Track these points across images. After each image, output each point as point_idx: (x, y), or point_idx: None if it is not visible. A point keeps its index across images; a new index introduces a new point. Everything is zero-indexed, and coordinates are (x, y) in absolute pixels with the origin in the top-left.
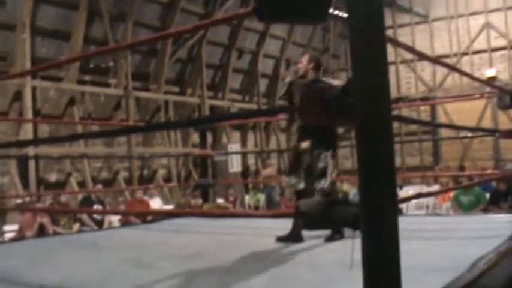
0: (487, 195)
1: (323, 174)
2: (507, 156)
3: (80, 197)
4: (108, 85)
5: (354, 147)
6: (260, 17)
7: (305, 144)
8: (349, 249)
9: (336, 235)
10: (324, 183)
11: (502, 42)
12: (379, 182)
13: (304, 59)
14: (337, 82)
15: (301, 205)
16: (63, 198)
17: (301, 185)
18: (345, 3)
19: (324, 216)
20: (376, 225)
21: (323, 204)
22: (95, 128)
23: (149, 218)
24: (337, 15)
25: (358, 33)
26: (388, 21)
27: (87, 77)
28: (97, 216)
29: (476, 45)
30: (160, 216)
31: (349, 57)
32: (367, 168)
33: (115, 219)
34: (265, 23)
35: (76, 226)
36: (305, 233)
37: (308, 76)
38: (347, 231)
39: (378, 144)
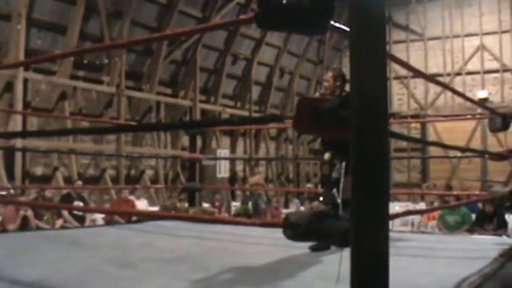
0: (473, 216)
1: (335, 184)
2: (494, 178)
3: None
4: (101, 82)
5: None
6: (261, 24)
7: (326, 156)
8: (334, 261)
9: (322, 246)
10: (335, 193)
11: (495, 65)
12: (373, 197)
13: (330, 77)
14: None
15: (290, 216)
16: (48, 193)
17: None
18: (347, 17)
19: (313, 228)
20: (366, 241)
21: (313, 216)
22: (85, 124)
23: (134, 218)
24: (338, 28)
25: (359, 48)
26: None
27: (81, 73)
28: (78, 213)
29: (470, 67)
30: (145, 217)
31: (343, 70)
32: (362, 182)
33: (99, 217)
34: (265, 30)
35: (59, 222)
36: (290, 243)
37: (335, 93)
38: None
39: (374, 159)
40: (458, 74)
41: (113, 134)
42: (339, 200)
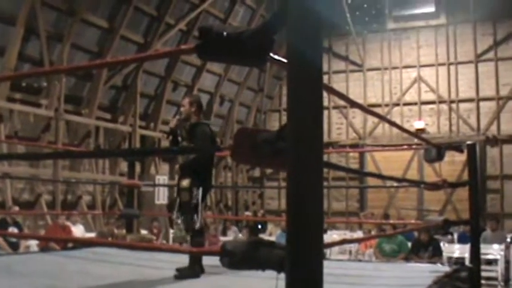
0: (409, 244)
1: (195, 210)
2: (430, 207)
3: None
4: (39, 105)
5: (280, 188)
6: (201, 54)
7: (185, 183)
8: None
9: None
10: (195, 219)
11: (431, 96)
12: (306, 226)
13: (186, 102)
14: (212, 123)
15: (227, 244)
16: None
17: (179, 221)
18: (286, 48)
19: (249, 256)
20: (301, 269)
21: (248, 244)
22: (21, 147)
23: (70, 244)
24: (277, 60)
25: (296, 79)
26: (324, 67)
27: (18, 95)
28: (12, 239)
29: (407, 98)
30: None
31: (283, 99)
32: (296, 212)
33: (33, 243)
34: (205, 60)
35: None
36: (228, 270)
37: (191, 119)
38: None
39: (308, 190)
40: (396, 104)
41: (51, 159)
42: (197, 226)
